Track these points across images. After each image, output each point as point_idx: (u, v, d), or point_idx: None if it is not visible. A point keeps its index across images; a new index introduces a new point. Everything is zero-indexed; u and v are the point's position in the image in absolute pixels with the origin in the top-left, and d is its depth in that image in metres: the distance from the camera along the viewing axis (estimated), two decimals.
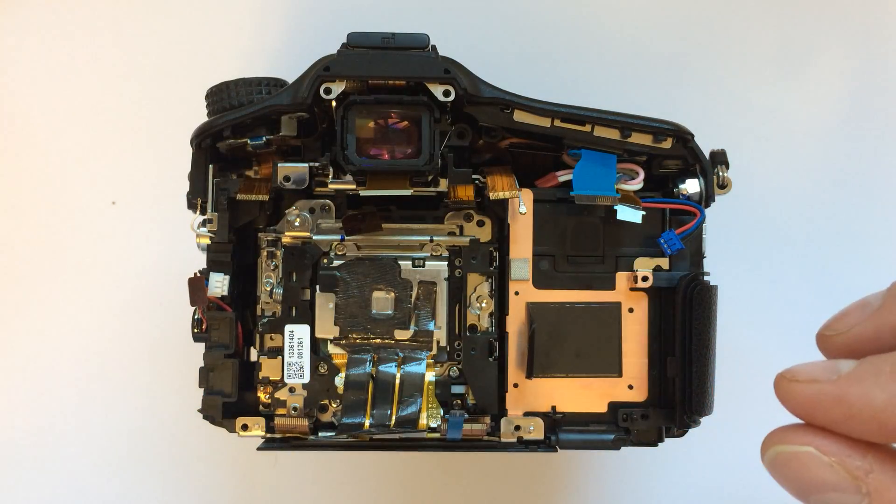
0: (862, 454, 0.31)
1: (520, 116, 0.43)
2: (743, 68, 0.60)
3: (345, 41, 0.42)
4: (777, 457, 0.32)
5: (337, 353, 0.45)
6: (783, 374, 0.33)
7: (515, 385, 0.44)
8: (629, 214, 0.43)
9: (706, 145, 0.45)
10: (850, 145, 0.60)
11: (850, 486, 0.31)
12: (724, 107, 0.60)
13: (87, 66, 0.60)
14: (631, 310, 0.44)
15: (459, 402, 0.46)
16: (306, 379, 0.45)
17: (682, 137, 0.43)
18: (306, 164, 0.43)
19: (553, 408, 0.45)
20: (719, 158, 0.44)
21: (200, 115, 0.46)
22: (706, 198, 0.44)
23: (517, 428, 0.44)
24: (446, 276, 0.46)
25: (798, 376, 0.32)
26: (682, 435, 0.45)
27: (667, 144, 0.43)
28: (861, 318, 0.33)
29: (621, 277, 0.45)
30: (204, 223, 0.44)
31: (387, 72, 0.41)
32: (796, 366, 0.33)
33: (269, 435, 0.44)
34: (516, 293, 0.44)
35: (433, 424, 0.44)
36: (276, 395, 0.45)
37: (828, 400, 0.31)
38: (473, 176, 0.44)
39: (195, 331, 0.44)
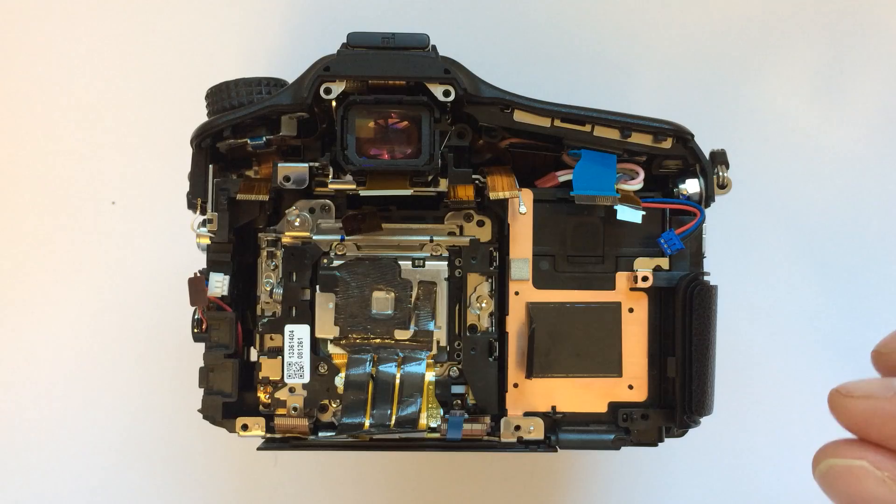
0: None
1: (520, 116, 0.43)
2: (743, 68, 0.60)
3: (345, 41, 0.42)
4: (830, 470, 0.32)
5: (337, 353, 0.45)
6: (838, 390, 0.33)
7: (515, 385, 0.44)
8: (629, 214, 0.43)
9: (706, 145, 0.45)
10: (850, 143, 0.60)
11: None
12: (724, 107, 0.60)
13: (86, 66, 0.60)
14: (631, 310, 0.44)
15: (459, 402, 0.46)
16: (306, 379, 0.45)
17: (682, 137, 0.43)
18: (306, 164, 0.43)
19: (553, 408, 0.45)
20: (719, 158, 0.44)
21: (200, 115, 0.46)
22: (706, 198, 0.44)
23: (517, 428, 0.44)
24: (446, 276, 0.46)
25: (853, 392, 0.32)
26: (682, 435, 0.45)
27: (667, 144, 0.43)
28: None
29: (621, 277, 0.45)
30: (204, 223, 0.44)
31: (387, 72, 0.41)
32: (850, 382, 0.33)
33: (269, 435, 0.44)
34: (516, 293, 0.44)
35: (433, 424, 0.44)
36: (276, 395, 0.45)
37: (884, 416, 0.31)
38: (473, 176, 0.44)
39: (195, 331, 0.44)
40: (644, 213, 0.44)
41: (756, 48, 0.60)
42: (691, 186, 0.44)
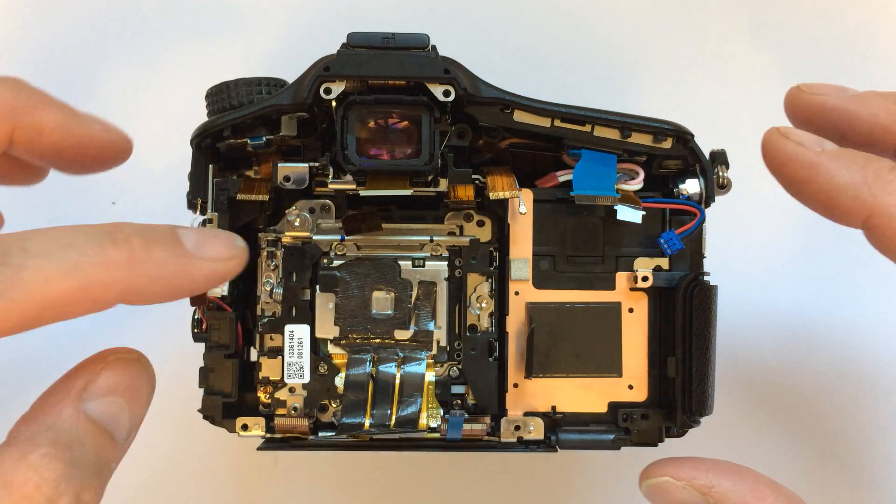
0: (704, 473, 0.39)
1: (520, 116, 0.43)
2: (743, 68, 0.60)
3: (345, 41, 0.42)
4: (648, 489, 0.40)
5: (337, 353, 0.45)
6: (777, 129, 0.39)
7: (515, 385, 0.44)
8: (629, 214, 0.43)
9: (706, 145, 0.45)
10: None
11: (701, 500, 0.39)
12: (724, 107, 0.60)
13: (86, 66, 0.60)
14: (631, 310, 0.44)
15: (459, 402, 0.46)
16: (306, 379, 0.45)
17: (682, 137, 0.43)
18: (306, 164, 0.43)
19: (553, 408, 0.45)
20: (719, 158, 0.44)
21: (200, 115, 0.46)
22: (706, 198, 0.44)
23: (517, 428, 0.44)
24: (446, 276, 0.46)
25: (791, 135, 0.39)
26: (682, 435, 0.45)
27: (667, 144, 0.43)
28: (836, 93, 0.40)
29: (621, 277, 0.45)
30: (204, 223, 0.44)
31: (387, 72, 0.41)
32: (791, 128, 0.39)
33: (269, 435, 0.44)
34: (516, 293, 0.44)
35: (433, 424, 0.44)
36: (276, 395, 0.45)
37: (805, 164, 0.38)
38: (473, 176, 0.44)
39: (195, 331, 0.44)
40: (644, 213, 0.44)
41: (756, 48, 0.60)
42: (691, 186, 0.44)
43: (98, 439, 0.33)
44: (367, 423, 0.44)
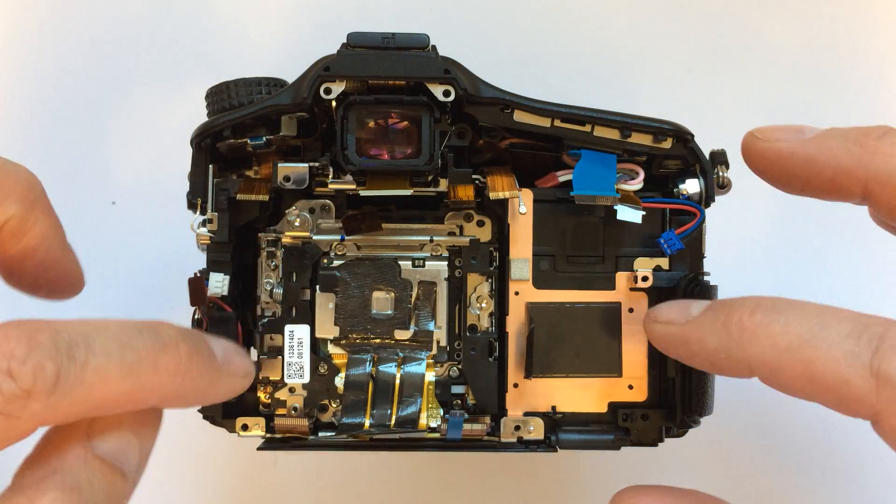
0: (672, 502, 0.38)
1: (520, 116, 0.43)
2: (743, 68, 0.60)
3: (345, 41, 0.42)
4: None
5: (337, 353, 0.45)
6: (648, 314, 0.39)
7: (515, 385, 0.44)
8: (629, 214, 0.43)
9: (706, 145, 0.45)
10: None
11: None
12: (723, 107, 0.60)
13: (86, 66, 0.60)
14: (631, 310, 0.44)
15: (459, 402, 0.46)
16: (306, 379, 0.45)
17: (682, 137, 0.43)
18: (306, 164, 0.43)
19: (553, 408, 0.45)
20: (719, 158, 0.44)
21: (200, 115, 0.46)
22: (706, 198, 0.44)
23: (517, 428, 0.44)
24: (446, 276, 0.46)
25: (659, 318, 0.39)
26: (682, 435, 0.45)
27: (667, 144, 0.43)
28: (791, 137, 0.38)
29: (621, 277, 0.45)
30: (204, 223, 0.44)
31: (387, 72, 0.41)
32: (662, 305, 0.39)
33: (269, 435, 0.44)
34: (516, 293, 0.44)
35: (433, 424, 0.44)
36: (276, 395, 0.45)
37: (676, 341, 0.38)
38: (473, 176, 0.44)
39: None
40: (644, 213, 0.44)
41: (756, 48, 0.60)
42: (691, 186, 0.44)
43: (108, 477, 0.32)
44: (367, 423, 0.44)
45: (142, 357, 0.30)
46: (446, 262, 0.46)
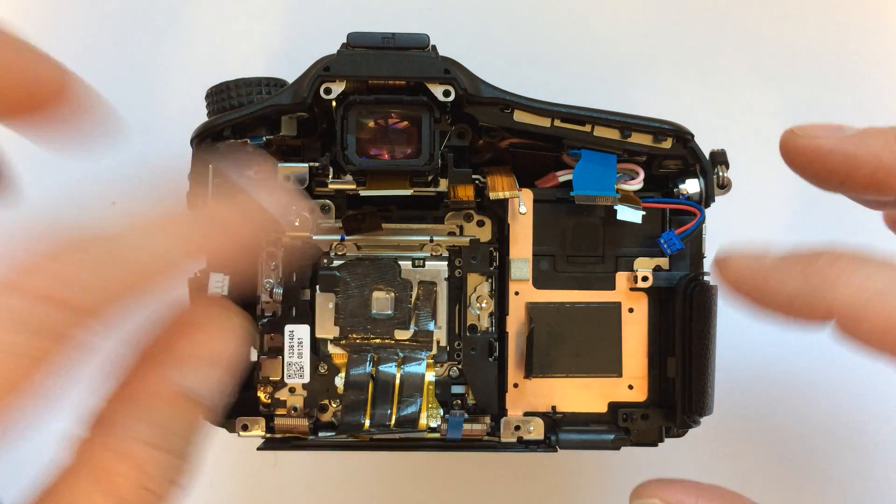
0: (694, 498, 0.37)
1: (520, 116, 0.43)
2: (743, 68, 0.60)
3: (345, 41, 0.42)
4: None
5: (337, 353, 0.45)
6: (721, 256, 0.37)
7: (515, 385, 0.44)
8: (629, 214, 0.43)
9: (706, 145, 0.45)
10: None
11: None
12: (724, 107, 0.60)
13: (86, 65, 0.60)
14: (631, 310, 0.45)
15: (459, 402, 0.46)
16: (306, 379, 0.45)
17: (682, 137, 0.43)
18: (306, 164, 0.43)
19: (553, 408, 0.45)
20: (719, 158, 0.44)
21: (200, 115, 0.46)
22: (706, 198, 0.44)
23: (517, 428, 0.44)
24: (446, 276, 0.46)
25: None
26: (682, 435, 0.45)
27: (667, 144, 0.43)
28: (831, 134, 0.38)
29: (621, 277, 0.45)
30: None
31: (387, 72, 0.41)
32: (734, 248, 0.37)
33: (269, 435, 0.44)
34: (516, 293, 0.44)
35: (433, 424, 0.44)
36: (277, 395, 0.45)
37: (753, 280, 0.36)
38: (473, 176, 0.44)
39: None
40: (644, 213, 0.44)
41: (756, 48, 0.60)
42: (691, 186, 0.44)
43: (195, 419, 0.31)
44: (367, 423, 0.44)
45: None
46: (446, 262, 0.46)
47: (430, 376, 0.45)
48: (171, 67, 0.60)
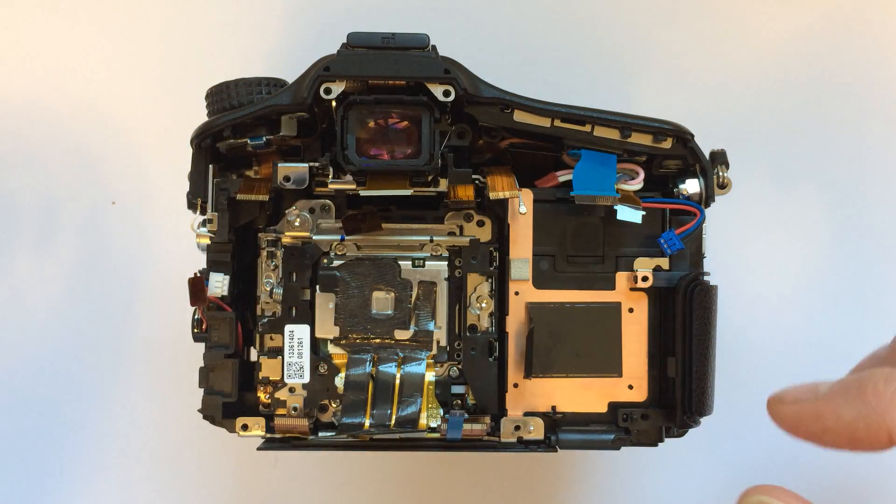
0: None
1: (520, 116, 0.43)
2: (743, 68, 0.60)
3: (345, 41, 0.42)
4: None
5: (337, 353, 0.45)
6: (773, 397, 0.39)
7: (515, 385, 0.44)
8: (629, 214, 0.43)
9: (706, 145, 0.45)
10: (853, 145, 0.60)
11: None
12: (724, 107, 0.60)
13: (86, 65, 0.60)
14: (631, 310, 0.44)
15: (459, 402, 0.46)
16: (306, 379, 0.45)
17: (682, 137, 0.43)
18: (306, 164, 0.43)
19: (553, 408, 0.45)
20: (719, 158, 0.44)
21: (200, 115, 0.46)
22: (706, 198, 0.44)
23: (517, 428, 0.44)
24: (446, 276, 0.46)
25: (785, 398, 0.39)
26: (682, 435, 0.45)
27: (667, 144, 0.43)
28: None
29: (621, 277, 0.45)
30: (204, 223, 0.44)
31: (387, 72, 0.41)
32: (784, 389, 0.39)
33: (269, 435, 0.44)
34: (516, 293, 0.44)
35: (433, 424, 0.44)
36: (276, 395, 0.45)
37: (809, 417, 0.37)
38: (473, 176, 0.44)
39: (195, 331, 0.44)
40: (644, 213, 0.44)
41: (756, 48, 0.60)
42: (691, 186, 0.44)
43: None
44: (367, 423, 0.44)
45: None
46: (446, 262, 0.46)
47: (430, 376, 0.45)
48: (171, 67, 0.60)
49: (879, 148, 0.60)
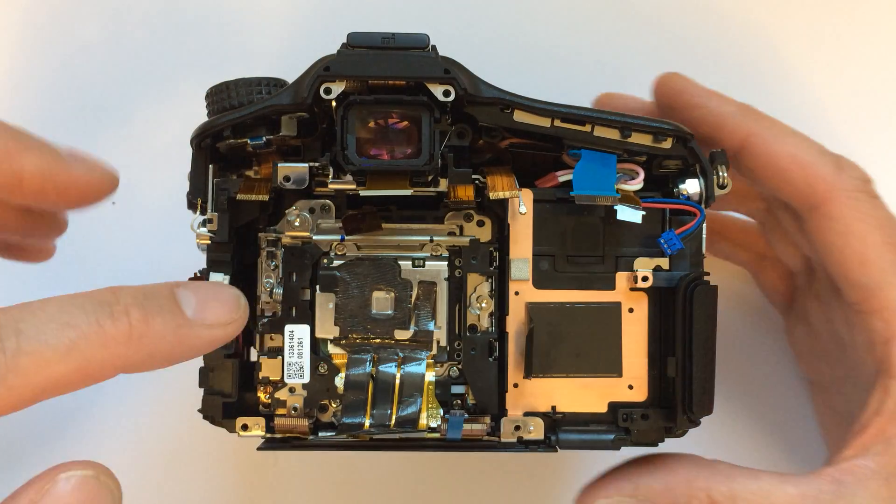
0: (628, 480, 0.43)
1: (520, 116, 0.43)
2: (744, 68, 0.60)
3: (345, 41, 0.42)
4: None
5: (337, 353, 0.45)
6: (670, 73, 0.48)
7: (515, 385, 0.44)
8: (629, 214, 0.43)
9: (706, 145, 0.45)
10: (851, 143, 0.60)
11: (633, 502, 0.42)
12: None
13: (86, 65, 0.60)
14: (631, 310, 0.44)
15: (459, 402, 0.46)
16: (306, 379, 0.45)
17: (682, 137, 0.43)
18: (306, 164, 0.43)
19: (553, 408, 0.45)
20: (719, 158, 0.44)
21: (200, 115, 0.46)
22: (706, 198, 0.44)
23: (517, 428, 0.44)
24: (446, 276, 0.46)
25: (680, 76, 0.50)
26: (682, 435, 0.45)
27: (667, 144, 0.43)
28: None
29: (621, 277, 0.45)
30: (204, 223, 0.44)
31: (387, 72, 0.41)
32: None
33: (269, 435, 0.44)
34: (516, 293, 0.44)
35: (433, 424, 0.44)
36: (276, 395, 0.45)
37: (694, 98, 0.49)
38: (473, 176, 0.44)
39: None
40: (644, 213, 0.44)
41: (756, 47, 0.60)
42: (691, 186, 0.44)
43: None
44: (367, 423, 0.44)
45: (84, 332, 0.30)
46: (446, 262, 0.46)
47: (430, 376, 0.45)
48: (171, 67, 0.60)
49: (880, 145, 0.60)
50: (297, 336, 0.45)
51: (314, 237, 0.45)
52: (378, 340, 0.45)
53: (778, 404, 0.59)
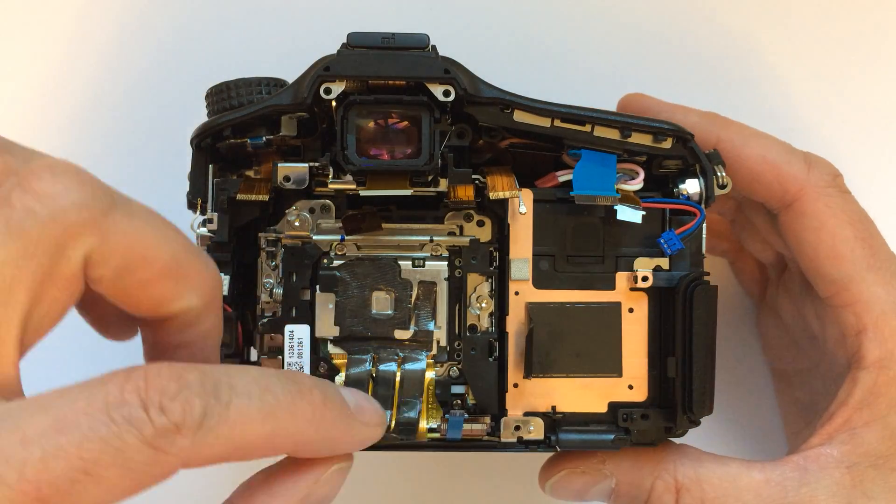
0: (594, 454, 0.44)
1: (520, 116, 0.43)
2: (743, 68, 0.60)
3: (345, 41, 0.42)
4: (552, 487, 0.46)
5: (337, 353, 0.45)
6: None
7: (515, 385, 0.44)
8: (629, 214, 0.43)
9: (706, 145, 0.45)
10: (850, 143, 0.60)
11: (599, 475, 0.44)
12: (724, 107, 0.60)
13: (86, 65, 0.60)
14: (631, 310, 0.44)
15: (459, 402, 0.46)
16: None
17: (682, 137, 0.43)
18: (306, 164, 0.43)
19: (553, 408, 0.44)
20: (719, 158, 0.44)
21: (200, 115, 0.46)
22: (706, 198, 0.44)
23: (517, 428, 0.44)
24: (446, 276, 0.46)
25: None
26: (682, 435, 0.45)
27: (667, 144, 0.43)
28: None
29: (621, 277, 0.45)
30: (204, 223, 0.44)
31: (387, 72, 0.41)
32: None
33: None
34: (516, 293, 0.44)
35: (433, 425, 0.44)
36: None
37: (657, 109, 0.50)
38: (473, 176, 0.44)
39: None
40: (644, 213, 0.44)
41: (756, 48, 0.60)
42: (691, 186, 0.44)
43: None
44: None
45: (280, 401, 0.31)
46: (446, 262, 0.46)
47: (430, 376, 0.45)
48: (171, 67, 0.60)
49: (880, 145, 0.60)
50: (297, 336, 0.45)
51: (314, 237, 0.45)
52: (378, 340, 0.45)
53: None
